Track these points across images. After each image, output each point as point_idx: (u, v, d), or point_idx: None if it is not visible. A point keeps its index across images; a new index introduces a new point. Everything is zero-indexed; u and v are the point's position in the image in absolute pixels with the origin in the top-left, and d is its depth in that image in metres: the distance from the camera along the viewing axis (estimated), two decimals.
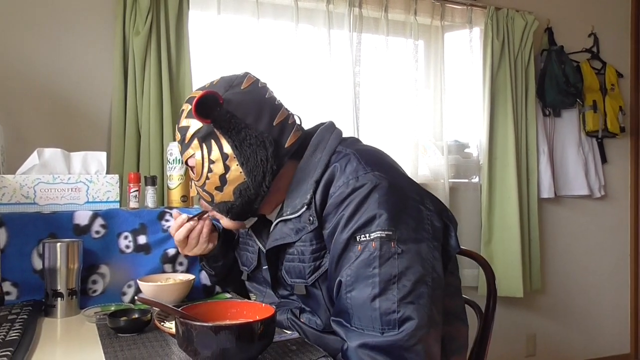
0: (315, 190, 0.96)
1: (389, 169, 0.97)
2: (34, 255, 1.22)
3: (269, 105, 1.03)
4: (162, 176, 1.84)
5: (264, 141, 0.99)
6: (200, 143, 1.01)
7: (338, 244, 0.91)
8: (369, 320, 0.85)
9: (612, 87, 2.95)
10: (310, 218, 0.96)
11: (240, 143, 0.98)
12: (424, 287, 0.87)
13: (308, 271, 0.98)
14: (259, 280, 1.18)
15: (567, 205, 2.94)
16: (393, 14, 2.43)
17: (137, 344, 0.93)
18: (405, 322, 0.84)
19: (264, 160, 0.99)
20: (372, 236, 0.87)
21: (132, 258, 1.31)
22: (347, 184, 0.92)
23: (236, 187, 1.00)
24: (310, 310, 1.03)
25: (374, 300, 0.85)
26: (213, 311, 0.88)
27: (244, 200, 1.01)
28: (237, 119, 0.98)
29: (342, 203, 0.91)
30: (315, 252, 0.97)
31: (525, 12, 2.68)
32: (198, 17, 2.13)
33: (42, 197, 1.31)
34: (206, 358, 0.77)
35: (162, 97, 1.95)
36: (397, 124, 2.43)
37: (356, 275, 0.87)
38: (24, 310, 1.09)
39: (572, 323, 2.96)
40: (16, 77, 1.88)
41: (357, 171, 0.93)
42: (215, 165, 1.00)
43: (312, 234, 0.96)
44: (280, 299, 1.11)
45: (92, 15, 1.98)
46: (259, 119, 1.00)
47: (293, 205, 0.99)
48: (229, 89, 1.01)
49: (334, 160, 0.98)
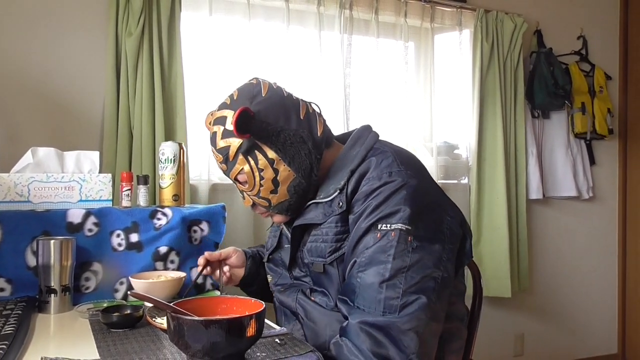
0: (349, 178, 1.03)
1: (420, 171, 1.05)
2: (28, 252, 1.24)
3: (291, 103, 1.11)
4: (154, 175, 1.86)
5: (302, 137, 1.07)
6: (245, 157, 1.07)
7: (360, 228, 0.98)
8: (372, 302, 0.92)
9: (600, 89, 2.99)
10: (340, 202, 1.03)
11: (282, 145, 1.06)
12: (432, 282, 0.94)
13: (328, 251, 1.04)
14: (277, 263, 1.24)
15: (556, 206, 2.98)
16: (383, 16, 2.46)
17: (129, 339, 0.95)
18: (406, 308, 0.90)
19: (308, 153, 1.07)
20: (393, 227, 0.94)
21: (125, 256, 1.33)
22: (379, 177, 1.00)
23: (289, 185, 1.08)
24: (322, 291, 1.08)
25: (381, 284, 0.92)
26: (204, 307, 0.90)
27: (299, 194, 1.09)
28: (271, 125, 1.05)
29: (372, 193, 0.99)
30: (339, 234, 1.03)
31: (515, 14, 2.72)
32: (190, 18, 2.15)
33: (36, 195, 1.33)
34: (197, 352, 0.79)
35: (155, 97, 1.97)
36: (387, 125, 2.45)
37: (371, 258, 0.94)
38: (18, 306, 1.11)
39: (560, 323, 3.00)
40: (9, 77, 1.89)
41: (391, 167, 1.01)
42: (265, 172, 1.07)
43: (338, 217, 1.03)
44: (293, 279, 1.17)
45: (85, 16, 2.00)
46: (289, 119, 1.08)
47: (327, 190, 1.07)
48: (253, 100, 1.07)
49: (370, 155, 1.06)
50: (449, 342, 1.06)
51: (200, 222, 1.44)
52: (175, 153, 1.51)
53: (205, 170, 2.10)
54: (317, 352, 0.88)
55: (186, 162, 1.84)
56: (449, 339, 1.06)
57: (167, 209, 1.41)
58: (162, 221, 1.38)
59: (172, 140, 1.59)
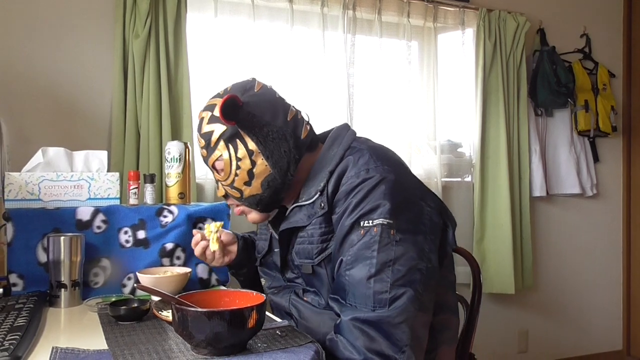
0: (328, 179, 1.06)
1: (397, 166, 1.06)
2: (39, 248, 1.28)
3: (281, 104, 1.13)
4: (160, 174, 1.90)
5: (285, 134, 1.10)
6: (227, 144, 1.09)
7: (343, 227, 1.00)
8: (362, 298, 0.94)
9: (604, 87, 3.00)
10: (322, 204, 1.05)
11: (264, 138, 1.08)
12: (417, 273, 0.96)
13: (315, 252, 1.07)
14: (270, 266, 1.26)
15: (559, 203, 2.99)
16: (386, 16, 2.49)
17: (136, 331, 0.99)
18: (395, 301, 0.93)
19: (287, 151, 1.09)
20: (375, 222, 0.97)
21: (132, 252, 1.37)
22: (358, 175, 1.02)
23: (264, 179, 1.10)
24: (314, 291, 1.11)
25: (369, 280, 0.94)
26: (207, 299, 0.94)
27: (271, 190, 1.11)
28: (257, 117, 1.08)
29: (352, 191, 1.01)
30: (324, 235, 1.06)
31: (517, 13, 2.74)
32: (196, 20, 2.19)
33: (47, 193, 1.37)
34: (200, 342, 0.83)
35: (161, 98, 2.01)
36: (391, 124, 2.47)
37: (356, 255, 0.97)
38: (29, 300, 1.15)
39: (565, 320, 3.00)
40: (20, 79, 1.94)
41: (368, 164, 1.03)
42: (243, 162, 1.09)
43: (322, 218, 1.06)
44: (287, 281, 1.20)
45: (93, 19, 2.04)
46: (275, 116, 1.10)
47: (308, 192, 1.09)
48: (245, 93, 1.10)
49: (348, 154, 1.08)
50: (440, 333, 1.08)
51: (205, 220, 1.47)
52: (181, 152, 1.55)
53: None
54: (317, 344, 0.91)
55: (192, 161, 1.88)
56: (440, 330, 1.08)
57: (173, 207, 1.44)
58: (169, 218, 1.42)
59: (178, 140, 1.62)
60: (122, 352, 0.85)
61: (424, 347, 0.99)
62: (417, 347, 0.95)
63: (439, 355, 1.10)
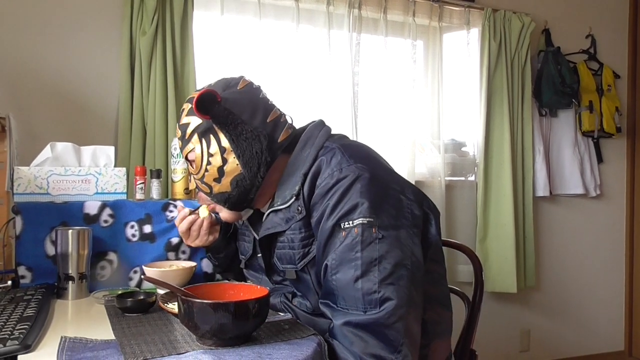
0: (303, 182, 1.04)
1: (371, 161, 1.04)
2: (47, 241, 1.31)
3: (263, 104, 1.12)
4: (166, 170, 1.92)
5: (259, 135, 1.08)
6: (200, 138, 1.09)
7: (324, 231, 0.99)
8: (352, 300, 0.93)
9: (608, 87, 3.00)
10: (299, 208, 1.04)
11: (237, 137, 1.07)
12: (404, 269, 0.95)
13: (298, 257, 1.06)
14: (255, 268, 1.26)
15: (563, 203, 2.99)
16: (392, 15, 2.50)
17: (142, 322, 1.01)
18: (386, 301, 0.91)
19: (259, 152, 1.08)
20: (355, 223, 0.95)
21: (138, 246, 1.39)
22: (331, 176, 1.00)
23: (233, 178, 1.09)
24: (301, 295, 1.10)
25: (356, 282, 0.93)
26: (213, 291, 0.96)
27: (240, 190, 1.10)
28: (233, 115, 1.07)
29: (327, 193, 0.99)
30: (304, 240, 1.05)
31: (522, 13, 2.74)
32: (202, 18, 2.21)
33: (55, 187, 1.39)
34: (205, 332, 0.85)
35: (167, 95, 2.03)
36: (395, 123, 2.49)
37: (340, 258, 0.95)
38: (38, 292, 1.17)
39: (567, 320, 3.01)
40: (28, 76, 1.97)
41: (340, 163, 1.01)
42: (214, 158, 1.08)
43: (300, 223, 1.04)
44: (274, 284, 1.19)
45: (100, 17, 2.06)
46: (253, 116, 1.09)
47: (283, 196, 1.07)
48: (227, 89, 1.10)
49: (321, 155, 1.06)
50: (432, 327, 1.06)
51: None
52: None
53: None
54: (319, 336, 0.93)
55: None
56: (432, 324, 1.06)
57: (178, 202, 1.46)
58: (174, 213, 1.44)
59: None
60: (128, 342, 0.87)
61: (419, 342, 0.98)
62: (412, 343, 0.94)
63: (432, 349, 1.08)
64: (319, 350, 0.88)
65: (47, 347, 0.86)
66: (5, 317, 0.96)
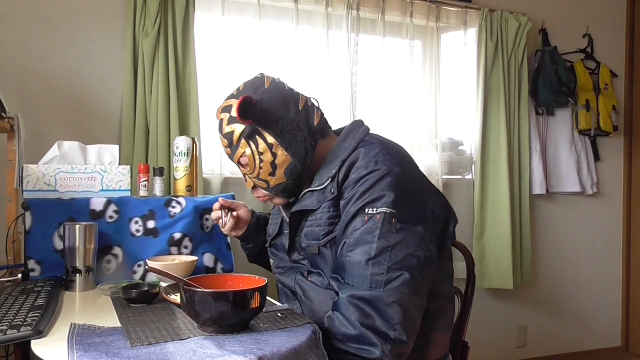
0: (340, 167, 1.14)
1: (404, 161, 1.15)
2: (55, 236, 1.36)
3: (291, 96, 1.22)
4: (168, 168, 1.97)
5: (298, 124, 1.18)
6: (247, 141, 1.19)
7: (349, 213, 1.08)
8: (360, 278, 1.02)
9: (605, 86, 3.03)
10: (332, 189, 1.14)
11: (280, 131, 1.17)
12: (414, 259, 1.03)
13: (322, 234, 1.15)
14: (278, 247, 1.35)
15: (560, 201, 3.03)
16: (390, 16, 2.54)
17: (146, 312, 1.06)
18: (390, 283, 1.01)
19: (303, 139, 1.18)
20: (378, 210, 1.05)
21: (142, 241, 1.44)
22: (366, 166, 1.10)
23: (286, 168, 1.19)
24: (318, 272, 1.19)
25: (367, 262, 1.02)
26: (214, 282, 1.01)
27: (294, 177, 1.20)
28: (271, 113, 1.17)
29: (359, 180, 1.09)
30: (331, 219, 1.14)
31: (519, 13, 2.78)
32: (203, 19, 2.25)
33: (62, 184, 1.45)
34: (206, 320, 0.90)
35: (170, 94, 2.08)
36: (393, 122, 2.52)
37: (358, 239, 1.05)
38: (47, 284, 1.23)
39: (564, 316, 3.05)
40: (35, 77, 2.02)
41: (377, 157, 1.11)
42: (264, 155, 1.18)
43: (330, 202, 1.14)
44: (292, 263, 1.27)
45: (104, 18, 2.11)
46: (288, 109, 1.19)
47: (321, 179, 1.17)
48: (256, 91, 1.19)
49: (360, 146, 1.16)
50: (435, 319, 1.15)
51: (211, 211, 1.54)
52: (189, 147, 1.62)
53: (218, 164, 2.21)
54: (314, 324, 0.98)
55: (199, 156, 1.95)
56: (436, 316, 1.15)
57: (181, 198, 1.51)
58: (177, 209, 1.49)
59: (185, 135, 1.69)
60: (134, 328, 0.92)
61: (417, 329, 1.05)
62: (409, 327, 1.01)
63: (433, 340, 1.17)
64: (313, 337, 0.93)
65: (58, 333, 0.92)
66: (18, 307, 1.02)
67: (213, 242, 1.54)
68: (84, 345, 0.82)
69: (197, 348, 0.82)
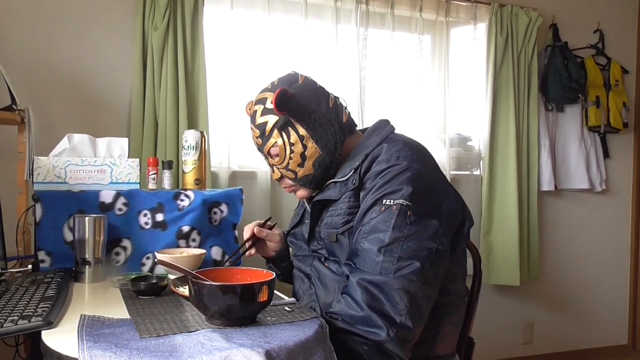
0: (363, 160, 1.18)
1: (426, 160, 1.18)
2: (65, 228, 1.37)
3: (323, 93, 1.27)
4: (177, 161, 1.98)
5: (330, 119, 1.24)
6: (280, 132, 1.23)
7: (367, 202, 1.13)
8: (371, 264, 1.06)
9: (616, 83, 3.00)
10: (354, 180, 1.18)
11: (312, 124, 1.22)
12: (426, 251, 1.06)
13: (341, 222, 1.18)
14: (297, 236, 1.38)
15: (568, 198, 3.01)
16: (399, 10, 2.53)
17: (155, 304, 1.07)
18: (400, 270, 1.03)
19: (333, 134, 1.23)
20: (395, 202, 1.08)
21: (151, 233, 1.45)
22: (388, 160, 1.15)
23: (315, 160, 1.23)
24: (335, 260, 1.22)
25: (380, 250, 1.06)
26: (222, 275, 1.01)
27: (322, 169, 1.24)
28: (304, 107, 1.22)
29: (380, 173, 1.13)
30: (351, 208, 1.18)
31: (530, 8, 2.75)
32: (212, 12, 2.25)
33: (72, 177, 1.46)
34: (214, 313, 0.90)
35: (178, 88, 2.08)
36: (402, 117, 2.52)
37: (373, 227, 1.08)
38: (57, 275, 1.24)
39: (570, 313, 3.04)
40: (45, 70, 2.03)
41: (399, 152, 1.15)
42: (295, 146, 1.22)
43: (351, 193, 1.18)
44: (311, 252, 1.30)
45: (114, 12, 2.12)
46: (319, 104, 1.24)
47: (344, 171, 1.22)
48: (291, 85, 1.23)
49: (384, 142, 1.20)
50: (446, 314, 1.17)
51: (219, 204, 1.55)
52: (197, 141, 1.62)
53: (226, 158, 2.22)
54: (321, 319, 0.98)
55: (207, 149, 1.95)
56: (446, 312, 1.17)
57: (189, 192, 1.52)
58: (185, 202, 1.50)
59: (194, 129, 1.70)
60: (143, 320, 0.93)
61: (424, 319, 1.07)
62: (416, 315, 1.03)
63: (442, 334, 1.19)
64: (320, 331, 0.94)
65: (68, 324, 0.93)
66: (28, 297, 1.03)
67: (221, 235, 1.55)
68: (94, 337, 0.83)
69: (205, 340, 0.83)
